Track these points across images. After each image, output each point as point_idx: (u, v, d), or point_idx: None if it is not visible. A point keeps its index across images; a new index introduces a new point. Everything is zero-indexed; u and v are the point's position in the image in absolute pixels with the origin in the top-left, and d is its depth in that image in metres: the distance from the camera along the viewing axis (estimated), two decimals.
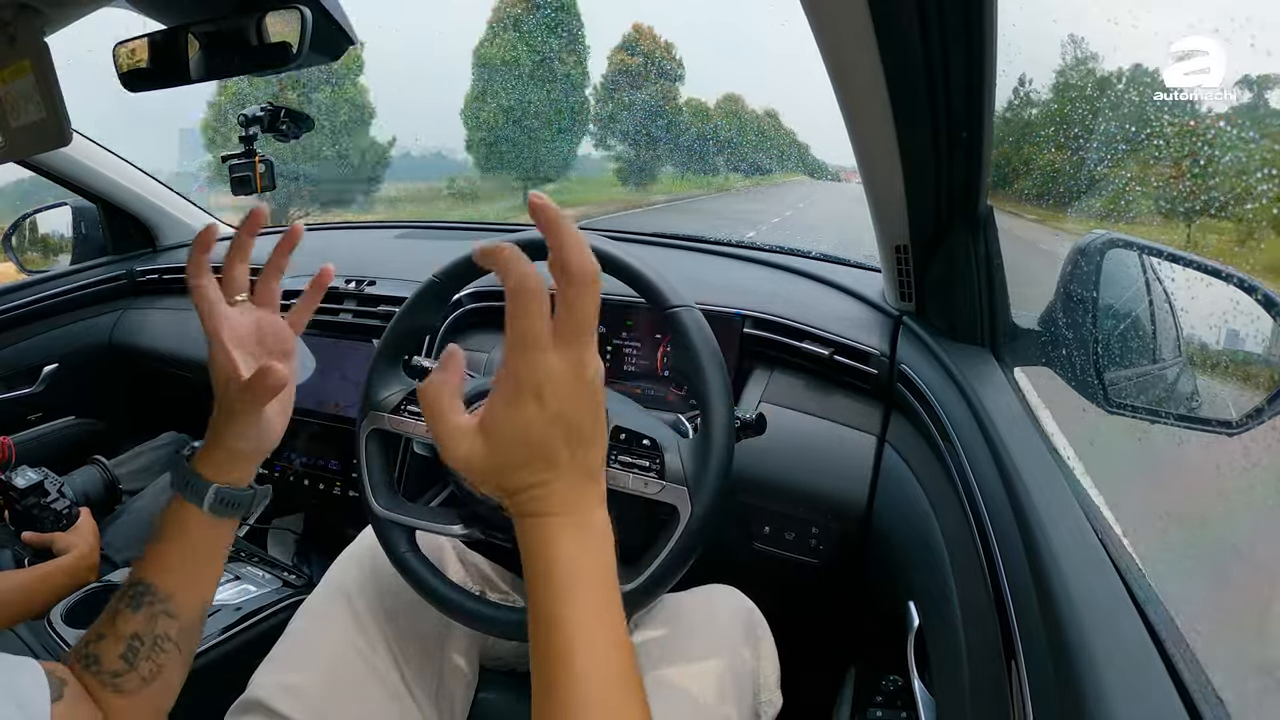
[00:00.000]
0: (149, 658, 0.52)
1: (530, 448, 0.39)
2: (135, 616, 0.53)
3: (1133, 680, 0.37)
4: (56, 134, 0.62)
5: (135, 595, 0.53)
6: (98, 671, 0.51)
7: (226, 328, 0.59)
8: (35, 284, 1.43)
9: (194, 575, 0.56)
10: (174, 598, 0.54)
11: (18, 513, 1.07)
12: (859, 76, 0.56)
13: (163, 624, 0.53)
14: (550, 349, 0.38)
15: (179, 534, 0.55)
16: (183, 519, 0.55)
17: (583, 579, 0.38)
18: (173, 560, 0.55)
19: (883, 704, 0.72)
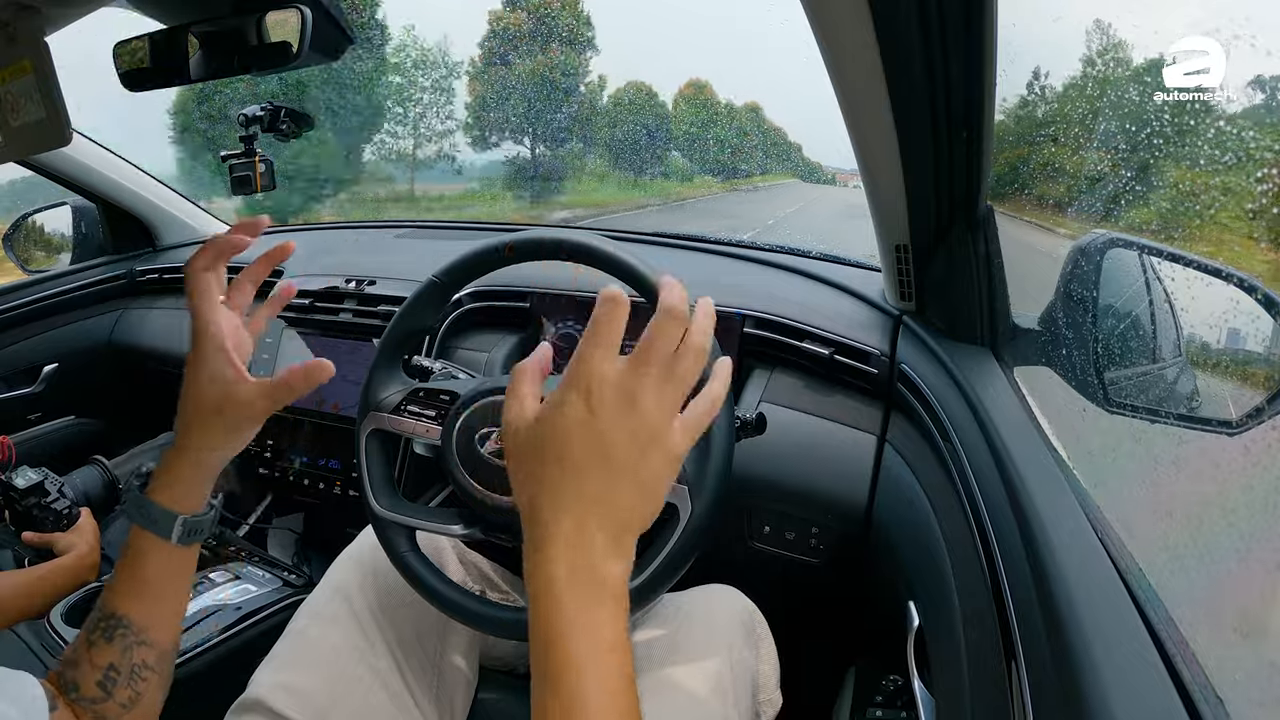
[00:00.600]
0: (127, 685, 0.51)
1: (558, 441, 0.38)
2: (110, 648, 0.51)
3: (1133, 680, 0.37)
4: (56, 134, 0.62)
5: (107, 627, 0.52)
6: (77, 699, 0.50)
7: (225, 325, 0.55)
8: (35, 283, 1.43)
9: (165, 603, 0.54)
10: (149, 629, 0.52)
11: (18, 513, 1.07)
12: (859, 76, 0.56)
13: (139, 653, 0.52)
14: (613, 358, 0.39)
15: (145, 565, 0.53)
16: (147, 551, 0.53)
17: (578, 601, 0.37)
18: (143, 591, 0.53)
19: (883, 704, 0.72)
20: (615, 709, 0.36)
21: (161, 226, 1.61)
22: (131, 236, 1.59)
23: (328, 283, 1.19)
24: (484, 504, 0.64)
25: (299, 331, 1.19)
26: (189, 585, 0.57)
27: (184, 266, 0.56)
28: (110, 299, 1.53)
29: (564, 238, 0.66)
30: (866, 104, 0.60)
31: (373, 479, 0.70)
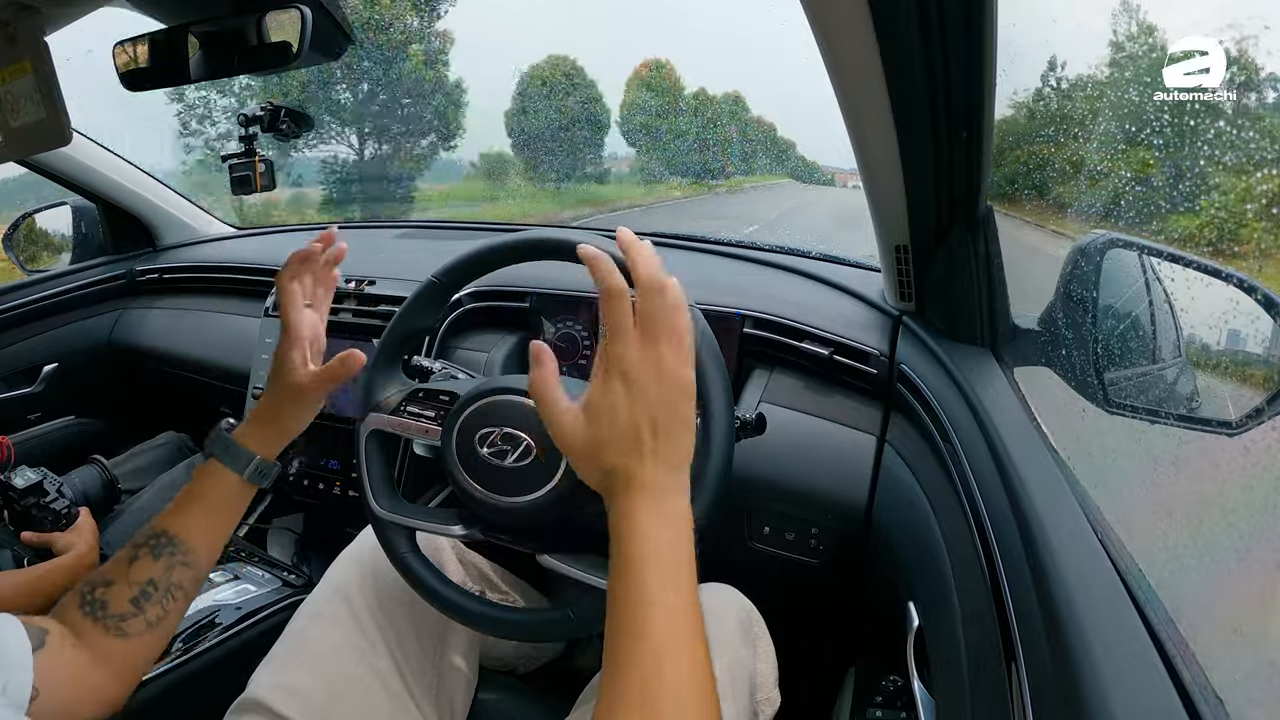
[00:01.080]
0: (159, 603, 0.56)
1: (618, 428, 0.46)
2: (155, 564, 0.57)
3: (1132, 680, 0.37)
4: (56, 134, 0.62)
5: (157, 544, 0.58)
6: (102, 616, 0.54)
7: (305, 326, 0.68)
8: (35, 283, 1.43)
9: (215, 532, 0.62)
10: (194, 550, 0.59)
11: (17, 513, 1.07)
12: (859, 76, 0.56)
13: (179, 573, 0.58)
14: (634, 343, 0.46)
15: (208, 491, 0.62)
16: (216, 481, 0.62)
17: (659, 556, 0.44)
18: (200, 517, 0.61)
19: (882, 704, 0.72)
20: (685, 675, 0.41)
21: (161, 226, 1.61)
22: (131, 236, 1.59)
23: None
24: (484, 504, 0.64)
25: None
26: (236, 522, 0.65)
27: (275, 277, 0.69)
28: (110, 299, 1.53)
29: (565, 238, 0.66)
30: (866, 104, 0.59)
31: (372, 480, 0.70)
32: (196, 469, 0.64)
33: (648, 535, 0.44)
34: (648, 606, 0.42)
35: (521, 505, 0.62)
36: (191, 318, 1.44)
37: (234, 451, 0.63)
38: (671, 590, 0.43)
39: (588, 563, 0.63)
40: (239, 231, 1.70)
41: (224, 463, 0.63)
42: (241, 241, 1.65)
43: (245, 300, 1.38)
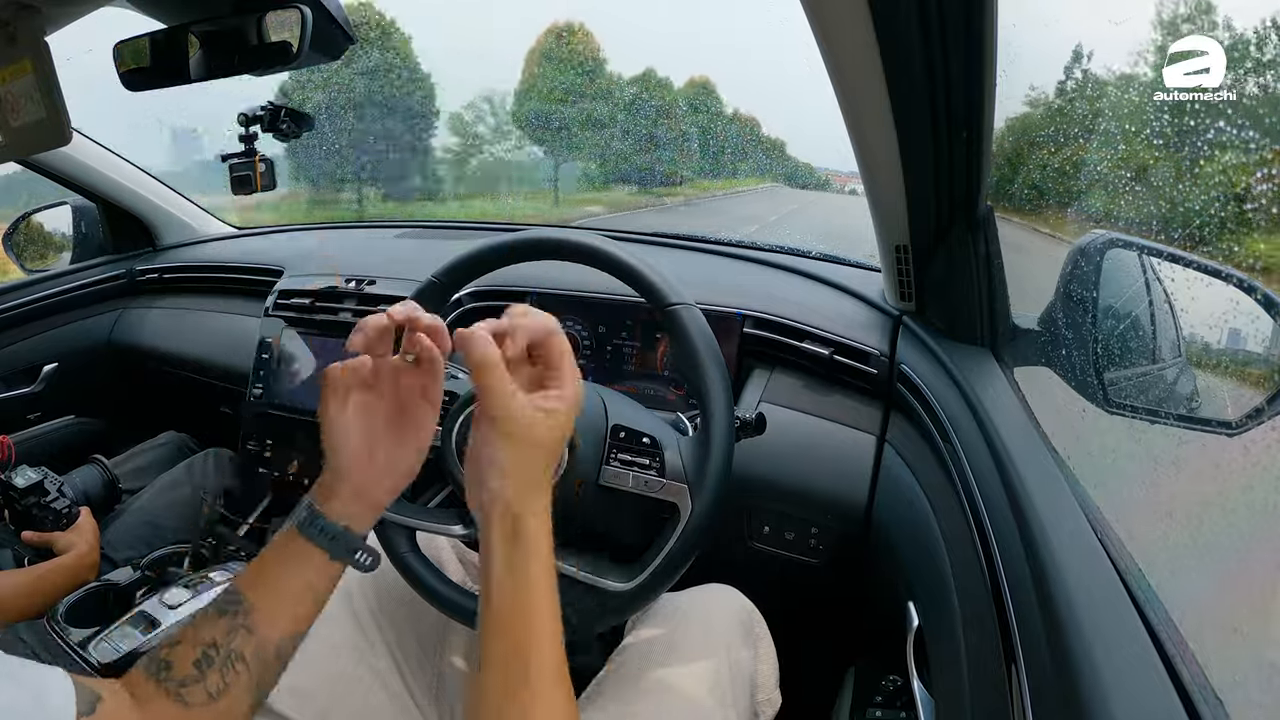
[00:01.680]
0: (220, 672, 0.51)
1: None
2: (218, 622, 0.52)
3: (1132, 680, 0.37)
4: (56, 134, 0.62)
5: (224, 602, 0.53)
6: (166, 679, 0.50)
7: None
8: (35, 283, 1.43)
9: (281, 596, 0.54)
10: (255, 611, 0.52)
11: (17, 512, 1.07)
12: (859, 76, 0.56)
13: (240, 640, 0.52)
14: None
15: (286, 560, 0.54)
16: (296, 550, 0.54)
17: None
18: (267, 576, 0.54)
19: (882, 704, 0.72)
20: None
21: (161, 226, 1.61)
22: (131, 236, 1.59)
23: (328, 282, 1.19)
24: None
25: (299, 331, 1.19)
26: (313, 593, 0.56)
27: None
28: (110, 299, 1.53)
29: (565, 238, 0.66)
30: (866, 104, 0.59)
31: None
32: (280, 537, 0.55)
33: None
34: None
35: None
36: (192, 318, 1.44)
37: (320, 524, 0.54)
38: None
39: (586, 562, 0.63)
40: (239, 231, 1.70)
41: (310, 539, 0.54)
42: (241, 241, 1.65)
43: (245, 300, 1.38)
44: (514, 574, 0.46)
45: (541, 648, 0.45)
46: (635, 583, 0.60)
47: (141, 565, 1.05)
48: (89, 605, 0.95)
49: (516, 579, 0.46)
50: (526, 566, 0.46)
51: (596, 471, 0.63)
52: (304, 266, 1.27)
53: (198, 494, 1.23)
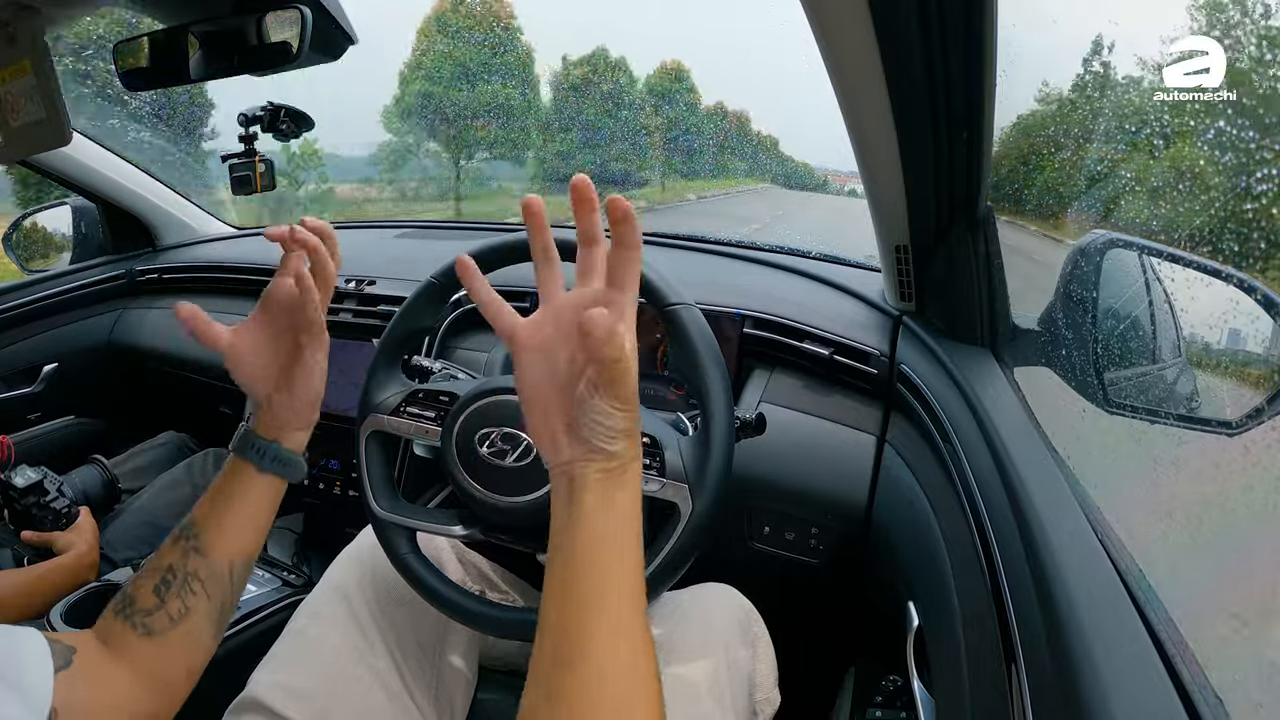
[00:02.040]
0: (179, 595, 0.54)
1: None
2: (173, 549, 0.56)
3: (1132, 680, 0.37)
4: (56, 134, 0.62)
5: (179, 530, 0.57)
6: (131, 613, 0.53)
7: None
8: (35, 283, 1.43)
9: (230, 518, 0.58)
10: (204, 532, 0.57)
11: (17, 512, 1.07)
12: (859, 76, 0.56)
13: (194, 561, 0.56)
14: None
15: (226, 484, 0.59)
16: (235, 474, 0.59)
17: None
18: (217, 505, 0.58)
19: (882, 704, 0.72)
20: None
21: (161, 226, 1.61)
22: (131, 236, 1.59)
23: None
24: (484, 504, 0.64)
25: None
26: (260, 520, 0.61)
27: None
28: (110, 299, 1.53)
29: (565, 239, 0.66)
30: (866, 104, 0.59)
31: (373, 480, 0.70)
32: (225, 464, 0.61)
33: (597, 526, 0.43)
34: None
35: (521, 505, 0.62)
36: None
37: (251, 440, 0.60)
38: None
39: None
40: (239, 231, 1.70)
41: (242, 455, 0.59)
42: (241, 241, 1.65)
43: (245, 300, 1.38)
44: (608, 507, 0.44)
45: (628, 576, 0.43)
46: None
47: (141, 565, 1.04)
48: (88, 605, 0.95)
49: (610, 511, 0.44)
50: (617, 497, 0.44)
51: None
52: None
53: (197, 494, 1.23)
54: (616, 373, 0.44)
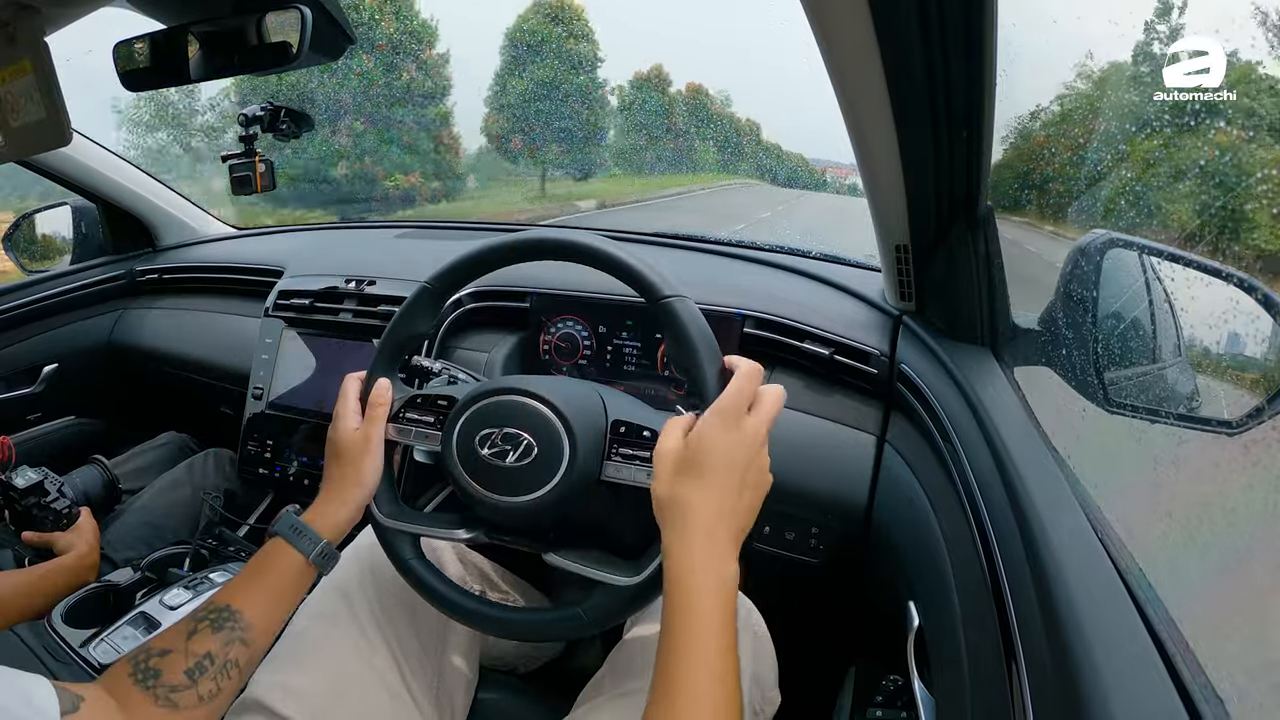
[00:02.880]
0: (214, 678, 0.55)
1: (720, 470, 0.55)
2: (214, 637, 0.56)
3: (1132, 680, 0.37)
4: (56, 134, 0.62)
5: (218, 618, 0.57)
6: (154, 685, 0.52)
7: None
8: (35, 284, 1.43)
9: (276, 612, 0.61)
10: (253, 627, 0.58)
11: (18, 512, 1.07)
12: (859, 76, 0.56)
13: (236, 650, 0.56)
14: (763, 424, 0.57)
15: (275, 572, 0.61)
16: (282, 560, 0.62)
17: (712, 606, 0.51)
18: (262, 594, 0.60)
19: (883, 703, 0.72)
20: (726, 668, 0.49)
21: (161, 227, 1.61)
22: (131, 236, 1.59)
23: (328, 283, 1.19)
24: (486, 505, 0.64)
25: (299, 332, 1.19)
26: (296, 604, 0.64)
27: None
28: (110, 299, 1.53)
29: (566, 239, 0.66)
30: (866, 104, 0.59)
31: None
32: (263, 548, 0.63)
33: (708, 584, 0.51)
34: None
35: (524, 504, 0.62)
36: (191, 318, 1.44)
37: (303, 533, 0.63)
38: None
39: (593, 559, 0.63)
40: (239, 231, 1.70)
41: (292, 544, 0.62)
42: (241, 242, 1.65)
43: (245, 300, 1.38)
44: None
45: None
46: (641, 577, 0.60)
47: (142, 566, 1.04)
48: (89, 606, 0.95)
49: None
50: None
51: (598, 467, 0.63)
52: (304, 267, 1.27)
53: (198, 494, 1.23)
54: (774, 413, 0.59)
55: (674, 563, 0.52)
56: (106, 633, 0.89)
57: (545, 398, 0.62)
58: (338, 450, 0.67)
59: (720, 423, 0.54)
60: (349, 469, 0.66)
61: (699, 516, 0.52)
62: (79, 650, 0.86)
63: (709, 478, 0.53)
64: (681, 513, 0.53)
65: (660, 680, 0.49)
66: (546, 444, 0.61)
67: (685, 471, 0.54)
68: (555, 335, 1.05)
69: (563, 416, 0.61)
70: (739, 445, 0.54)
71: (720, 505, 0.53)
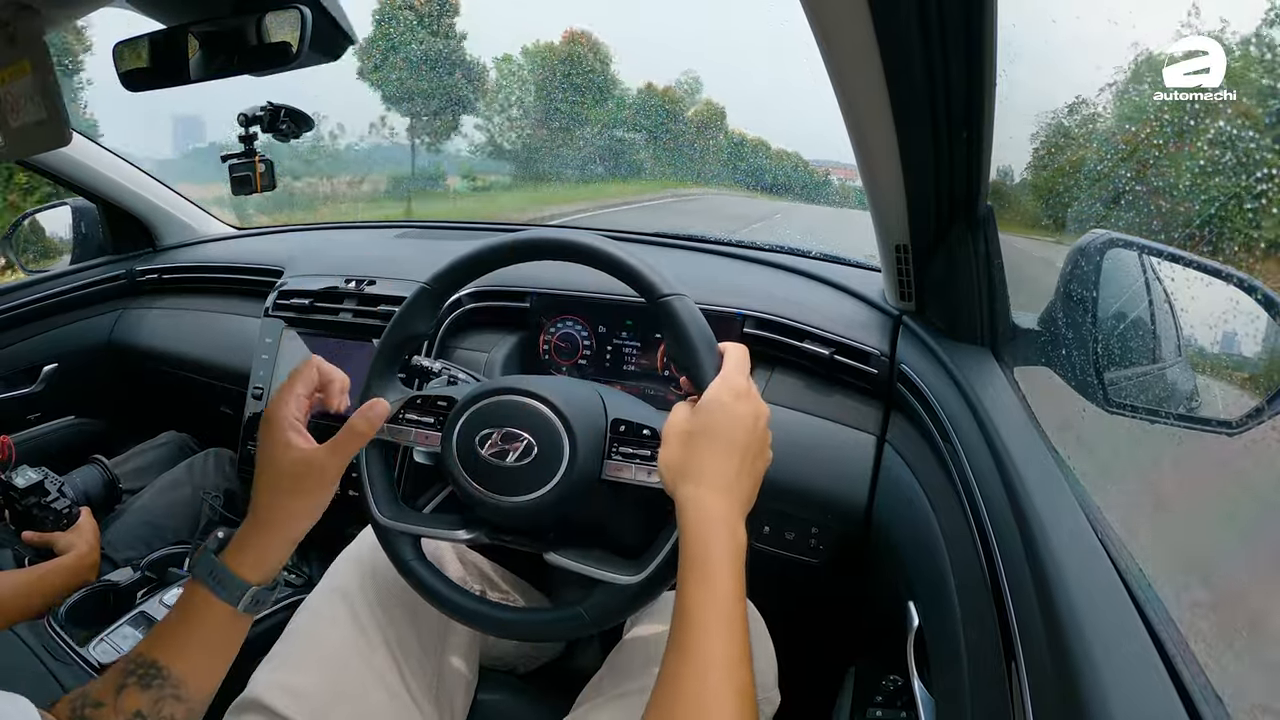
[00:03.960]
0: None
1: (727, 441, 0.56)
2: (142, 695, 0.50)
3: (1132, 680, 0.37)
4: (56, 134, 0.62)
5: (145, 675, 0.51)
6: None
7: (289, 403, 0.59)
8: (35, 283, 1.43)
9: (209, 663, 0.54)
10: (185, 683, 0.52)
11: (18, 512, 1.07)
12: (859, 76, 0.56)
13: (169, 707, 0.51)
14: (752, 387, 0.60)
15: (199, 623, 0.53)
16: (205, 611, 0.53)
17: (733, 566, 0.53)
18: (190, 648, 0.53)
19: (882, 703, 0.72)
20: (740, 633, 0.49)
21: (161, 227, 1.61)
22: (131, 236, 1.59)
23: (327, 283, 1.19)
24: (486, 505, 0.64)
25: (298, 332, 1.19)
26: (233, 654, 0.56)
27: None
28: (110, 299, 1.53)
29: (566, 239, 0.66)
30: (866, 104, 0.59)
31: (374, 488, 0.70)
32: (184, 591, 0.54)
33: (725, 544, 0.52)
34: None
35: (525, 504, 0.62)
36: (191, 318, 1.44)
37: (221, 578, 0.53)
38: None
39: (594, 558, 0.63)
40: (239, 231, 1.70)
41: (214, 593, 0.53)
42: (241, 241, 1.65)
43: (245, 300, 1.38)
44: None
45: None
46: (642, 576, 0.60)
47: (142, 565, 1.05)
48: (89, 606, 0.95)
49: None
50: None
51: (599, 466, 0.63)
52: (304, 267, 1.27)
53: (198, 494, 1.24)
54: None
55: (690, 519, 0.52)
56: (107, 632, 0.89)
57: (545, 397, 0.62)
58: (283, 471, 0.54)
59: (729, 391, 0.56)
60: (298, 501, 0.55)
61: (713, 477, 0.54)
62: (79, 650, 0.87)
63: (721, 442, 0.55)
64: (698, 470, 0.54)
65: (676, 643, 0.49)
66: (546, 444, 0.61)
67: (699, 434, 0.55)
68: (555, 335, 1.05)
69: (563, 416, 0.61)
70: (748, 414, 0.56)
71: (732, 468, 0.54)
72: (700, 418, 0.56)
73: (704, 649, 0.48)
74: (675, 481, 0.55)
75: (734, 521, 0.53)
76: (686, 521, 0.53)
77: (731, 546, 0.52)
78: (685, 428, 0.56)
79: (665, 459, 0.57)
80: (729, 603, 0.50)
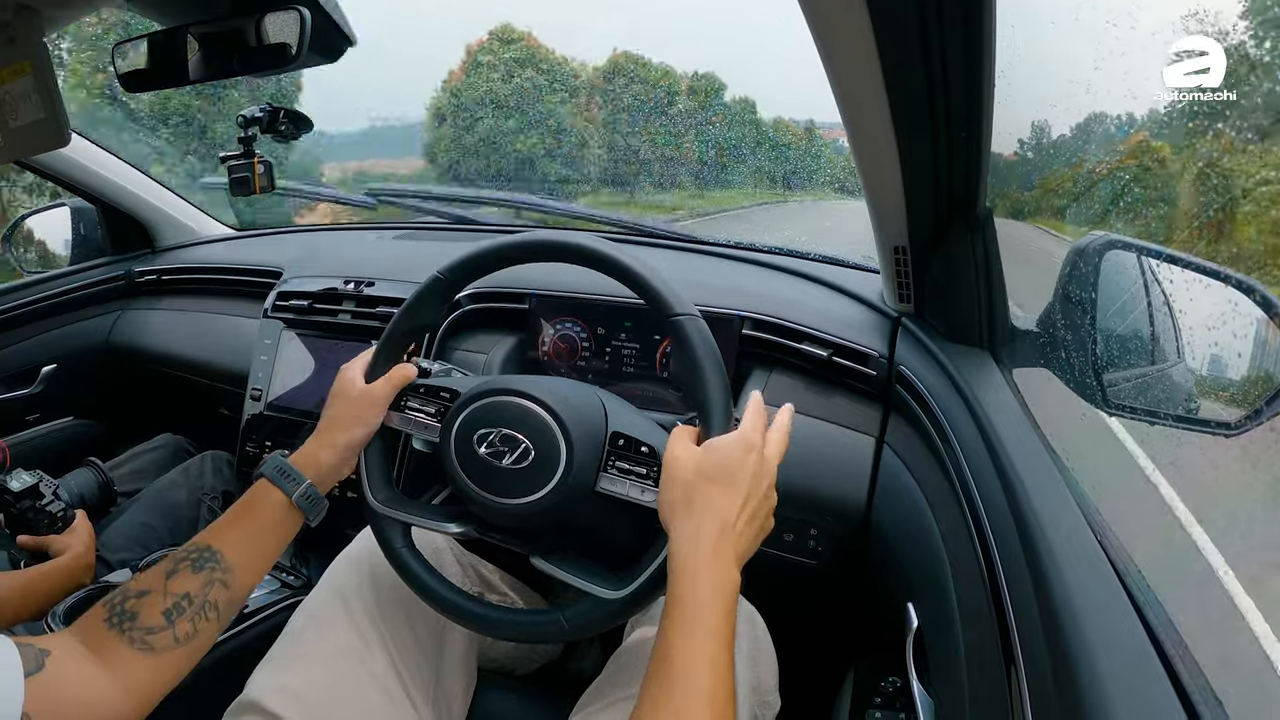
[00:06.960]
0: (191, 620, 0.54)
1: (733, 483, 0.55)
2: (194, 577, 0.55)
3: (1131, 681, 0.37)
4: (55, 134, 0.62)
5: (199, 559, 0.56)
6: (130, 628, 0.52)
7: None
8: (33, 284, 1.43)
9: (258, 554, 0.60)
10: (234, 570, 0.58)
11: (13, 515, 1.06)
12: (858, 76, 0.56)
13: (216, 591, 0.56)
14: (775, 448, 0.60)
15: (258, 513, 0.61)
16: (265, 501, 0.61)
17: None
18: (244, 540, 0.59)
19: (882, 705, 0.72)
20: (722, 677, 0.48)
21: (160, 228, 1.61)
22: (130, 237, 1.59)
23: (326, 284, 1.19)
24: (478, 503, 0.63)
25: (297, 333, 1.19)
26: (280, 550, 0.63)
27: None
28: (108, 300, 1.53)
29: (570, 241, 0.66)
30: (865, 104, 0.60)
31: (371, 474, 0.70)
32: (249, 490, 0.63)
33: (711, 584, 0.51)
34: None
35: (516, 507, 0.62)
36: (190, 319, 1.44)
37: (288, 474, 0.63)
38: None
39: (581, 568, 0.63)
40: (238, 232, 1.70)
41: (276, 484, 0.62)
42: (240, 243, 1.65)
43: (244, 301, 1.37)
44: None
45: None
46: (626, 592, 0.60)
47: (138, 567, 1.04)
48: (85, 608, 0.95)
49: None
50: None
51: (594, 478, 0.62)
52: (303, 268, 1.27)
53: (194, 497, 1.23)
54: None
55: (681, 558, 0.52)
56: None
57: (547, 403, 0.62)
58: (344, 389, 0.68)
59: (742, 443, 0.56)
60: (350, 410, 0.67)
61: (714, 516, 0.53)
62: None
63: (727, 485, 0.54)
64: (701, 509, 0.53)
65: (656, 671, 0.49)
66: (543, 450, 0.61)
67: (705, 476, 0.55)
68: (554, 336, 1.04)
69: (562, 424, 0.61)
70: (758, 472, 0.56)
71: (734, 514, 0.53)
72: (712, 457, 0.55)
73: (685, 686, 0.47)
74: (672, 517, 0.55)
75: (727, 566, 0.52)
76: (677, 557, 0.52)
77: (721, 584, 0.51)
78: (693, 464, 0.55)
79: (667, 499, 0.56)
80: (711, 643, 0.48)
